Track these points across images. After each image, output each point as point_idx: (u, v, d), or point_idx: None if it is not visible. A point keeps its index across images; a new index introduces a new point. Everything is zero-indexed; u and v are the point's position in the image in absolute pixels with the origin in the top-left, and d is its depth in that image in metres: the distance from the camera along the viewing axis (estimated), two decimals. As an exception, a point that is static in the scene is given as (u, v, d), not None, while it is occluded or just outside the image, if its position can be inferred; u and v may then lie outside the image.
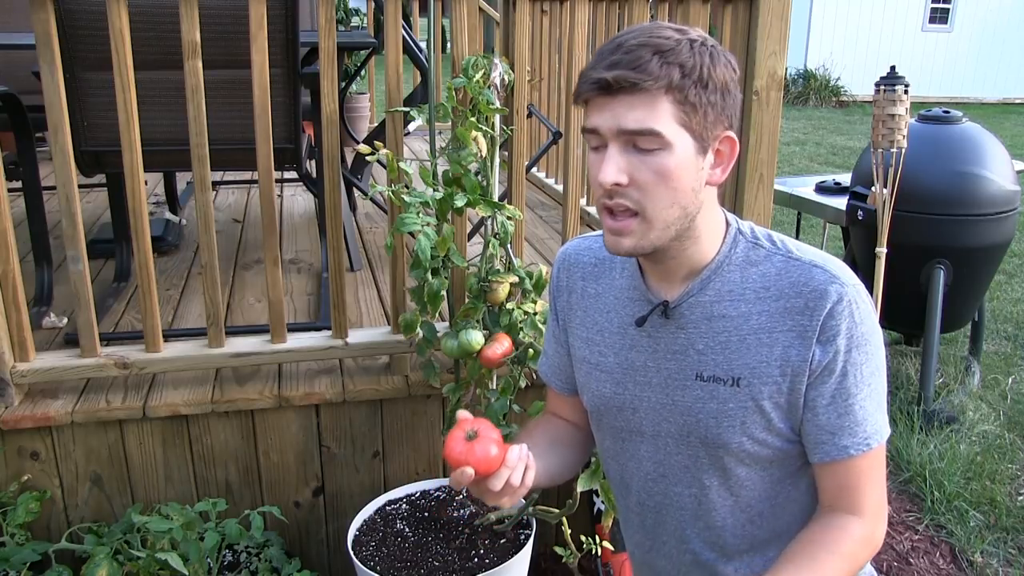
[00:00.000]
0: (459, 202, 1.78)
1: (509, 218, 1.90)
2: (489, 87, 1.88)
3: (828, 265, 1.04)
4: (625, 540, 1.32)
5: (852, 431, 1.04)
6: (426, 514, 1.97)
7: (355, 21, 7.36)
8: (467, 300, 1.93)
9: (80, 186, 1.90)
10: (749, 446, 1.07)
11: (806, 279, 1.04)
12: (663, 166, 0.98)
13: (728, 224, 1.10)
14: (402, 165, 1.89)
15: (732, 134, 1.03)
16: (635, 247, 1.03)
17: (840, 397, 1.03)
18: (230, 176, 4.25)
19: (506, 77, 1.94)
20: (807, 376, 1.03)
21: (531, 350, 1.85)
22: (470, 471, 1.01)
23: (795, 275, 1.04)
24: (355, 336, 2.06)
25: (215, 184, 3.95)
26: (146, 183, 1.90)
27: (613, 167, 0.99)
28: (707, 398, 1.08)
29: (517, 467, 1.06)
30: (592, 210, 3.24)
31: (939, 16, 14.32)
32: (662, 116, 0.97)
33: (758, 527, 1.13)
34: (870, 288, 2.88)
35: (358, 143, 2.20)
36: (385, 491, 2.05)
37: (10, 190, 1.88)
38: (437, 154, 1.92)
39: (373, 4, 5.61)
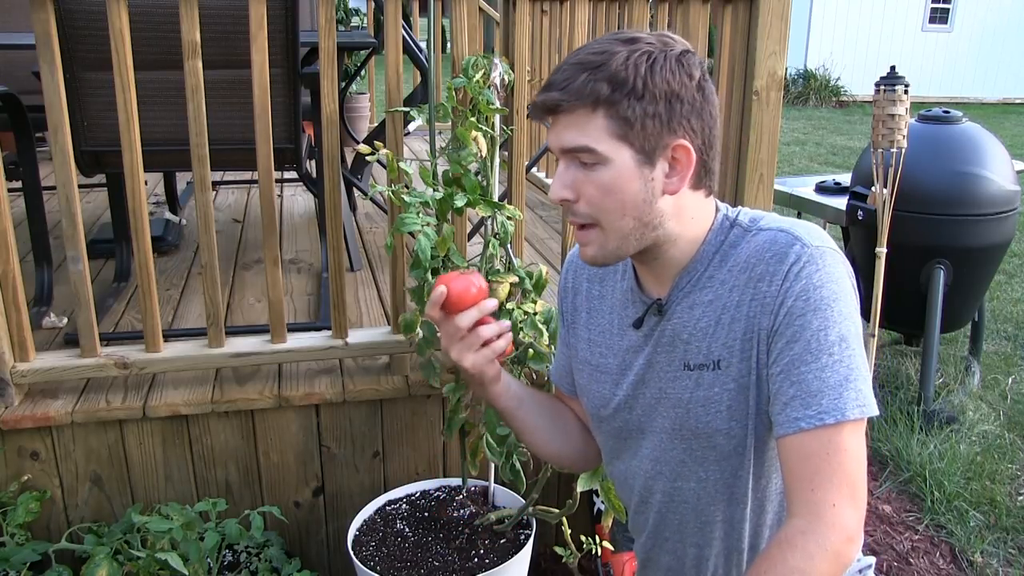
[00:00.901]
0: (459, 202, 1.78)
1: (509, 218, 1.90)
2: (489, 87, 1.88)
3: (794, 229, 1.01)
4: (633, 537, 1.33)
5: (804, 403, 0.94)
6: (426, 514, 1.97)
7: (355, 21, 7.36)
8: (467, 300, 1.93)
9: (80, 186, 1.89)
10: (738, 432, 1.06)
11: (768, 244, 1.01)
12: (603, 180, 1.00)
13: (717, 211, 1.09)
14: (402, 165, 1.89)
15: (685, 142, 1.00)
16: (596, 256, 1.06)
17: (792, 364, 0.96)
18: (230, 176, 4.25)
19: (506, 77, 1.94)
20: (767, 344, 1.00)
21: (531, 350, 1.85)
22: (443, 289, 1.10)
23: (759, 242, 1.03)
24: (355, 336, 2.06)
25: (215, 184, 3.95)
26: (146, 183, 1.90)
27: (559, 184, 1.04)
28: (694, 386, 1.08)
29: (490, 322, 1.13)
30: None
31: (939, 16, 14.32)
32: (594, 132, 0.98)
33: (758, 519, 1.13)
34: (870, 288, 2.88)
35: (358, 143, 2.20)
36: (385, 491, 2.05)
37: (10, 190, 1.88)
38: (437, 154, 1.91)
39: (373, 4, 5.60)
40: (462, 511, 1.96)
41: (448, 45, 4.85)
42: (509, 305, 1.90)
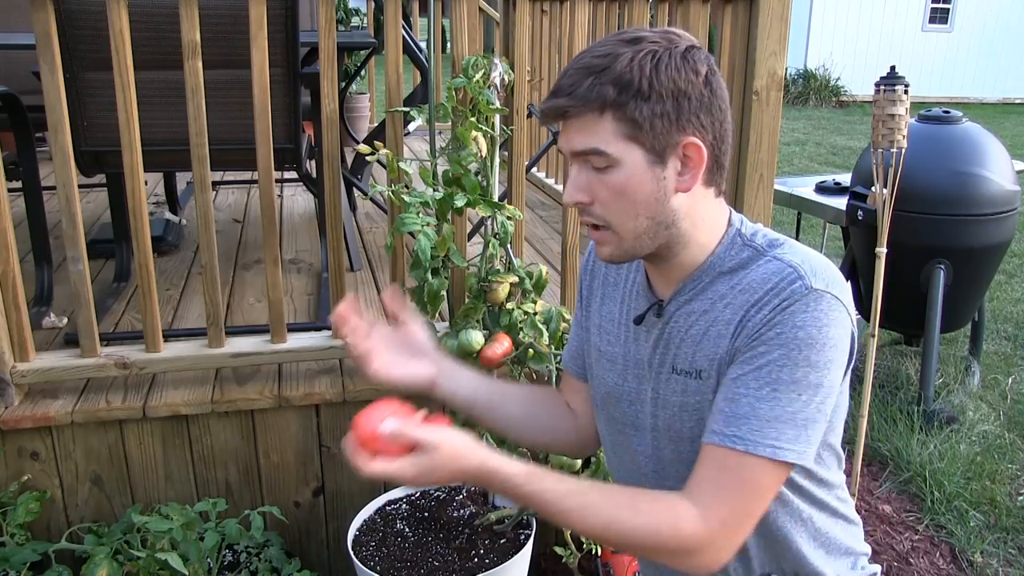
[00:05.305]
0: (459, 202, 1.78)
1: (509, 218, 1.90)
2: (489, 87, 1.88)
3: (804, 266, 1.00)
4: None
5: (727, 421, 0.98)
6: (426, 514, 1.97)
7: (355, 21, 7.35)
8: (467, 300, 1.93)
9: (80, 186, 1.89)
10: None
11: (773, 274, 1.01)
12: (615, 182, 1.01)
13: (730, 224, 1.10)
14: (402, 165, 1.89)
15: (696, 139, 1.00)
16: (612, 255, 1.08)
17: (736, 383, 0.99)
18: (230, 176, 4.25)
19: (506, 77, 1.94)
20: (730, 361, 1.03)
21: (531, 350, 1.85)
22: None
23: (768, 271, 1.03)
24: (355, 336, 2.06)
25: (215, 184, 3.95)
26: (146, 183, 1.90)
27: (572, 188, 1.05)
28: (680, 391, 1.09)
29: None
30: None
31: (939, 16, 14.32)
32: (604, 135, 0.99)
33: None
34: (870, 288, 2.88)
35: (358, 143, 2.20)
36: (385, 491, 2.05)
37: (10, 190, 1.88)
38: (437, 154, 1.92)
39: (373, 4, 5.61)
40: (462, 511, 1.96)
41: (448, 45, 4.85)
42: (509, 305, 1.90)
